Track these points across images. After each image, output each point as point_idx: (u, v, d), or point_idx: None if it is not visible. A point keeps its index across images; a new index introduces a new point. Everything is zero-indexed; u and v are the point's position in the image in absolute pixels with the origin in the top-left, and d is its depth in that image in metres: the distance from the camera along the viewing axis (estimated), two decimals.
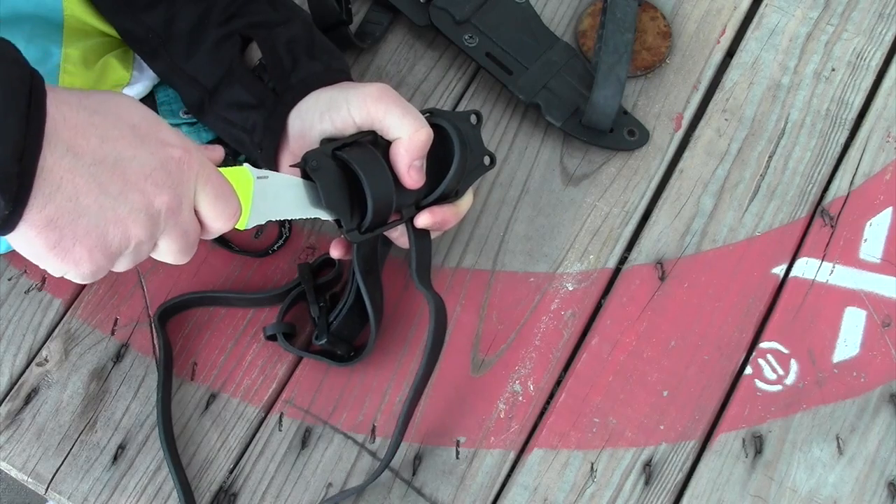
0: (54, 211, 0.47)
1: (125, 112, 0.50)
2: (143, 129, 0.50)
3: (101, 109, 0.49)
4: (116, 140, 0.49)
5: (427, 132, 0.62)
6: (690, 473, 0.68)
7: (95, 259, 0.50)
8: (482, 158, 0.67)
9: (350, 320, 0.69)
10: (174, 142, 0.52)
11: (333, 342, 0.68)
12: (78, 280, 0.51)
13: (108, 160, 0.48)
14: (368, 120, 0.61)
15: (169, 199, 0.51)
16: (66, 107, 0.47)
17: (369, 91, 0.62)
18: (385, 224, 0.63)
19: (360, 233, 0.61)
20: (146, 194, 0.50)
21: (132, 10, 0.67)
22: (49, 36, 0.66)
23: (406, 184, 0.62)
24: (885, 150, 0.76)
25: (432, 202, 0.65)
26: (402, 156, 0.61)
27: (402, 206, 0.63)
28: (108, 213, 0.49)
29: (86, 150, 0.47)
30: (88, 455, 0.69)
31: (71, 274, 0.50)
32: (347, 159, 0.60)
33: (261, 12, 0.67)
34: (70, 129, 0.47)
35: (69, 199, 0.47)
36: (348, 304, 0.68)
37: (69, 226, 0.48)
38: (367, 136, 0.62)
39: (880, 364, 0.70)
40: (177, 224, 0.52)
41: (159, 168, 0.50)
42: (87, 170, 0.47)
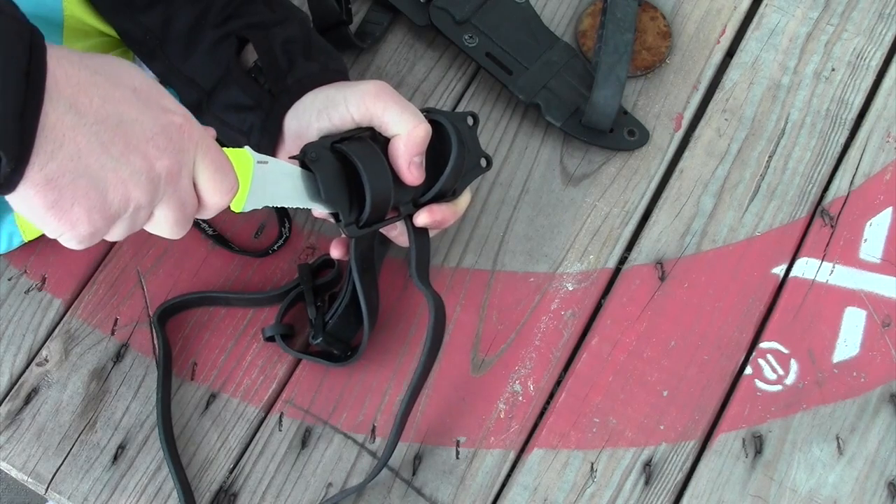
0: (56, 169, 0.46)
1: (126, 75, 0.50)
2: (145, 93, 0.50)
3: (102, 70, 0.48)
4: (119, 101, 0.48)
5: (426, 128, 0.62)
6: (690, 473, 0.68)
7: (93, 221, 0.49)
8: (479, 160, 0.67)
9: (346, 320, 0.69)
10: (175, 109, 0.51)
11: (329, 342, 0.68)
12: (73, 243, 0.50)
13: (110, 120, 0.47)
14: (367, 116, 0.61)
15: (170, 164, 0.50)
16: (67, 63, 0.46)
17: (367, 88, 0.62)
18: (383, 220, 0.63)
19: (357, 227, 0.61)
20: (147, 157, 0.49)
21: (130, 11, 0.67)
22: (49, 36, 0.66)
23: (406, 180, 0.62)
24: (885, 150, 0.76)
25: (429, 200, 0.64)
26: (402, 151, 0.61)
27: (399, 202, 0.63)
28: (109, 174, 0.48)
29: (88, 108, 0.46)
30: (88, 455, 0.69)
31: (67, 236, 0.49)
32: (347, 151, 0.59)
33: (258, 13, 0.67)
34: (72, 87, 0.46)
35: (71, 157, 0.46)
36: (344, 304, 0.68)
37: (69, 185, 0.47)
38: (366, 131, 0.62)
39: (880, 364, 0.70)
40: (175, 192, 0.51)
41: (161, 132, 0.49)
42: (90, 128, 0.46)
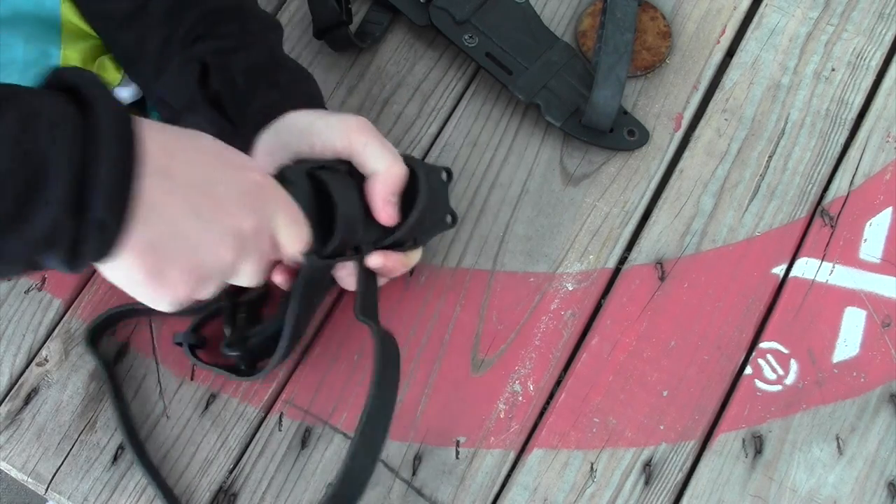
0: (154, 234, 0.47)
1: (205, 139, 0.51)
2: (224, 154, 0.51)
3: (184, 136, 0.50)
4: (205, 165, 0.50)
5: (403, 169, 0.61)
6: (690, 473, 0.68)
7: (189, 283, 0.50)
8: (445, 216, 0.67)
9: (269, 342, 0.66)
10: (252, 166, 0.53)
11: (243, 357, 0.67)
12: (167, 307, 0.51)
13: (199, 183, 0.49)
14: (348, 148, 0.61)
15: (255, 222, 0.51)
16: (154, 131, 0.47)
17: (350, 122, 0.61)
18: (343, 255, 0.62)
19: (319, 257, 0.60)
20: (236, 217, 0.50)
21: (108, 28, 0.67)
22: (48, 37, 0.66)
23: (380, 218, 0.61)
24: (885, 150, 0.76)
25: (389, 245, 0.64)
26: (379, 189, 0.61)
27: (362, 241, 0.62)
28: (201, 236, 0.49)
29: (179, 172, 0.48)
30: (88, 455, 0.69)
31: (165, 301, 0.51)
32: (325, 180, 0.59)
33: (226, 35, 0.66)
34: (163, 153, 0.47)
35: (166, 221, 0.47)
36: (271, 329, 0.65)
37: (166, 250, 0.48)
38: (343, 165, 0.61)
39: (880, 364, 0.70)
40: (259, 247, 0.53)
41: (245, 192, 0.51)
42: (182, 192, 0.48)
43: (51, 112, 0.44)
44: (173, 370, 0.71)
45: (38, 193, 0.43)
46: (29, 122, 0.43)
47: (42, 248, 0.45)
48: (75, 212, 0.44)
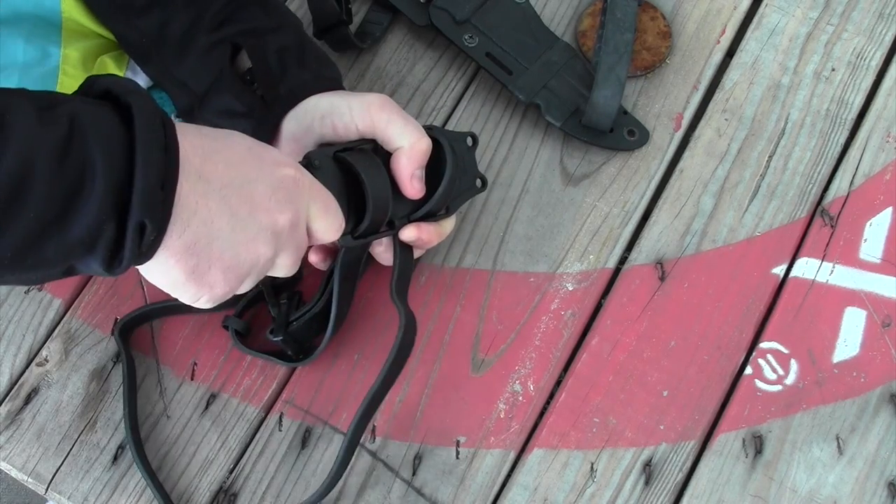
0: (192, 236, 0.49)
1: (237, 137, 0.53)
2: (257, 151, 0.53)
3: (219, 137, 0.51)
4: (239, 164, 0.51)
5: (427, 142, 0.62)
6: (690, 473, 0.68)
7: (229, 280, 0.52)
8: (474, 180, 0.67)
9: (311, 325, 0.68)
10: (286, 161, 0.54)
11: (287, 342, 0.68)
12: (209, 305, 0.53)
13: (235, 183, 0.50)
14: (371, 127, 0.62)
15: (291, 216, 0.53)
16: (190, 135, 0.49)
17: (372, 99, 0.62)
18: (377, 233, 0.63)
19: (353, 237, 0.61)
20: (271, 213, 0.52)
21: (126, 15, 0.67)
22: (48, 36, 0.66)
23: (407, 193, 0.62)
24: (885, 150, 0.76)
25: (421, 217, 0.65)
26: (405, 164, 0.61)
27: (395, 216, 0.63)
28: (238, 235, 0.51)
29: (214, 174, 0.49)
30: (88, 455, 0.69)
31: (204, 299, 0.52)
32: (350, 162, 0.60)
33: (253, 19, 0.67)
34: (199, 156, 0.49)
35: (204, 223, 0.49)
36: (316, 309, 0.68)
37: (205, 250, 0.49)
38: (368, 143, 0.62)
39: (880, 364, 0.70)
40: (294, 239, 0.54)
41: (279, 187, 0.52)
42: (218, 193, 0.49)
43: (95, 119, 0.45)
44: (173, 370, 0.71)
45: (81, 197, 0.44)
46: (75, 128, 0.44)
47: (82, 251, 0.46)
48: (116, 215, 0.45)
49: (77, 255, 0.46)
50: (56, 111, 0.45)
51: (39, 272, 0.47)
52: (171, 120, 0.48)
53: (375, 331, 0.71)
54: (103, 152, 0.45)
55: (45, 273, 0.48)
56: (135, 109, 0.46)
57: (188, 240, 0.49)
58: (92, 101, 0.47)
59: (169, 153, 0.47)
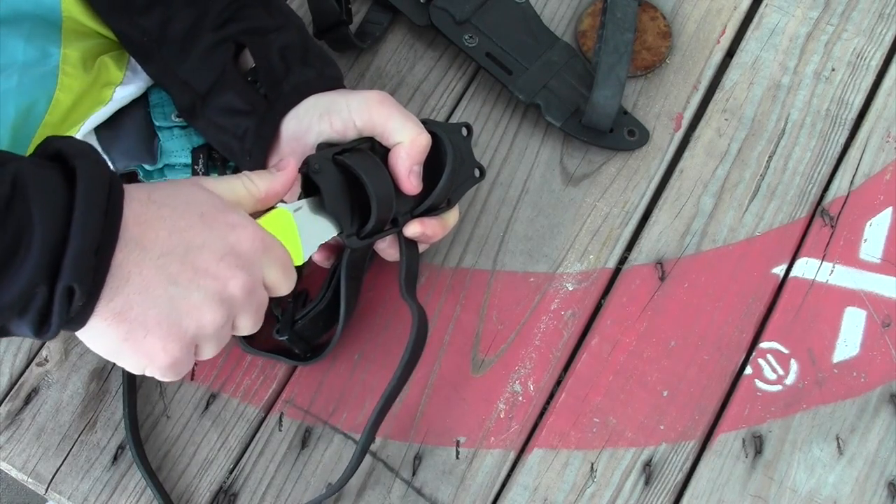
0: (123, 303, 0.48)
1: (193, 201, 0.52)
2: (211, 215, 0.52)
3: (169, 202, 0.51)
4: (185, 230, 0.50)
5: (427, 137, 0.62)
6: (690, 473, 0.68)
7: (169, 350, 0.51)
8: (472, 170, 0.67)
9: (316, 322, 0.69)
10: (241, 223, 0.53)
11: (293, 341, 0.68)
12: (160, 376, 0.52)
13: (177, 251, 0.50)
14: (370, 124, 0.62)
15: (244, 280, 0.52)
16: (136, 203, 0.49)
17: (370, 96, 0.62)
18: (382, 231, 0.63)
19: (358, 238, 0.62)
20: (219, 279, 0.51)
21: (128, 13, 0.67)
22: (48, 36, 0.66)
23: (405, 189, 0.62)
24: (885, 150, 0.76)
25: (425, 211, 0.65)
26: (403, 160, 0.61)
27: (398, 213, 0.63)
28: (179, 303, 0.50)
29: (154, 242, 0.49)
30: (88, 455, 0.69)
31: (150, 369, 0.52)
32: (350, 164, 0.60)
33: (256, 18, 0.67)
34: (139, 225, 0.48)
35: (138, 291, 0.48)
36: (321, 307, 0.68)
37: (140, 317, 0.49)
38: (365, 142, 0.62)
39: (880, 364, 0.70)
40: (253, 301, 0.54)
41: (230, 252, 0.52)
42: (155, 262, 0.49)
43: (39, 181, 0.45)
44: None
45: (16, 259, 0.44)
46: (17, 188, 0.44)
47: (13, 314, 0.46)
48: (49, 279, 0.45)
49: (8, 316, 0.46)
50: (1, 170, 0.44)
51: None
52: (119, 185, 0.48)
53: (375, 330, 0.71)
54: (42, 214, 0.44)
55: None
56: (79, 172, 0.46)
57: (119, 306, 0.48)
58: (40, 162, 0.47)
59: (109, 218, 0.47)
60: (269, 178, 0.58)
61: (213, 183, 0.55)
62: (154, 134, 0.71)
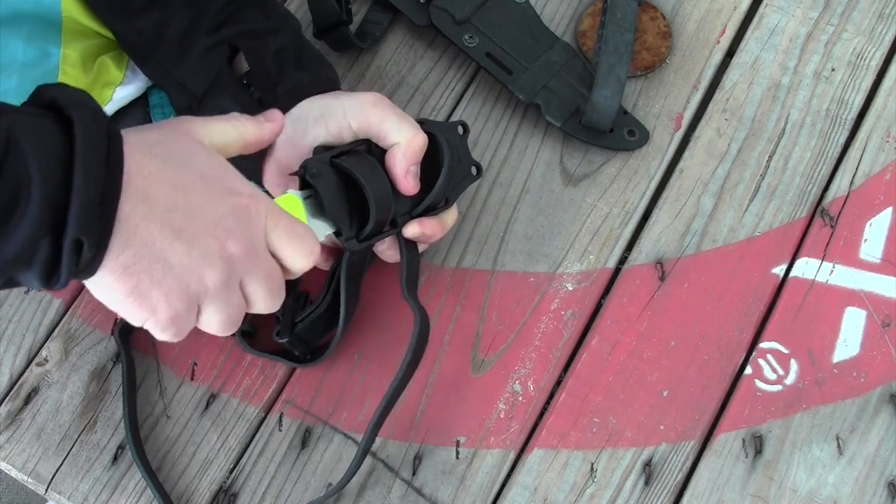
0: (131, 256, 0.48)
1: (194, 159, 0.51)
2: (211, 176, 0.52)
3: (170, 158, 0.50)
4: (187, 189, 0.50)
5: (423, 138, 0.62)
6: (690, 473, 0.68)
7: (172, 303, 0.50)
8: (469, 168, 0.67)
9: (316, 325, 0.69)
10: (241, 189, 0.53)
11: (293, 343, 0.68)
12: (160, 332, 0.52)
13: (180, 207, 0.49)
14: (365, 126, 0.61)
15: (241, 243, 0.52)
16: (139, 154, 0.48)
17: (365, 98, 0.62)
18: (381, 233, 0.63)
19: (357, 241, 0.62)
20: (218, 239, 0.51)
21: (125, 15, 0.67)
22: (47, 36, 0.66)
23: (403, 190, 0.62)
24: (885, 150, 0.76)
25: (423, 211, 0.65)
26: (400, 160, 0.61)
27: (397, 214, 0.63)
28: (182, 259, 0.50)
29: (159, 197, 0.48)
30: (88, 455, 0.69)
31: (151, 322, 0.51)
32: (347, 167, 0.60)
33: (251, 20, 0.67)
34: (144, 178, 0.48)
35: (145, 244, 0.48)
36: (321, 310, 0.68)
37: (146, 271, 0.49)
38: (362, 144, 0.62)
39: (880, 364, 0.70)
40: (256, 267, 0.53)
41: (228, 214, 0.51)
42: (161, 217, 0.48)
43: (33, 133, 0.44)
44: (173, 370, 0.71)
45: (15, 212, 0.44)
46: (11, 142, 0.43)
47: (19, 267, 0.45)
48: (52, 232, 0.45)
49: (14, 269, 0.46)
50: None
51: None
52: (118, 134, 0.47)
53: (375, 331, 0.71)
54: (40, 167, 0.44)
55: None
56: (76, 122, 0.45)
57: (127, 260, 0.48)
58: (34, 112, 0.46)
59: (111, 170, 0.46)
60: (258, 124, 0.57)
61: (203, 122, 0.54)
62: None
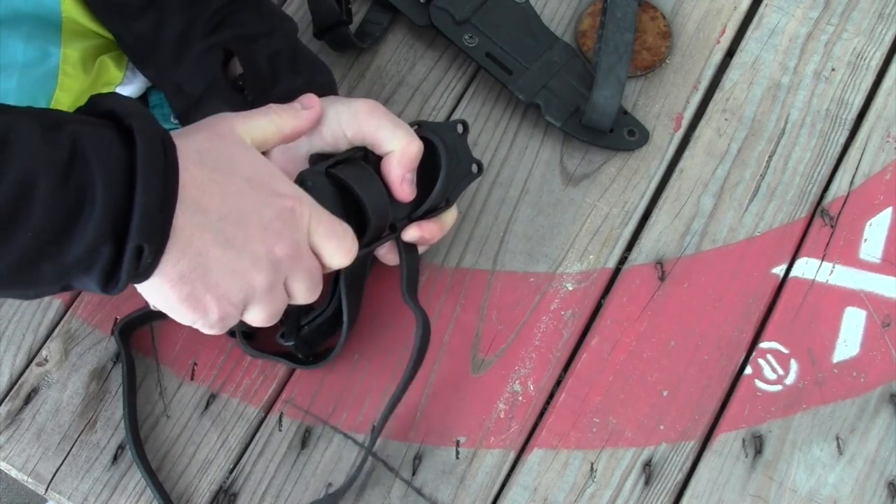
0: (187, 266, 0.50)
1: (240, 164, 0.53)
2: (258, 181, 0.53)
3: (219, 165, 0.52)
4: (236, 195, 0.51)
5: (418, 145, 0.62)
6: (690, 473, 0.68)
7: (223, 307, 0.52)
8: (470, 167, 0.67)
9: (320, 329, 0.69)
10: (286, 191, 0.54)
11: (298, 346, 0.68)
12: (207, 329, 0.54)
13: (231, 215, 0.51)
14: (360, 134, 0.61)
15: (287, 245, 0.53)
16: (190, 164, 0.50)
17: (360, 106, 0.62)
18: (380, 239, 0.63)
19: (358, 247, 0.61)
20: (266, 244, 0.52)
21: (122, 16, 0.67)
22: (48, 36, 0.66)
23: (399, 197, 0.62)
24: (885, 150, 0.76)
25: (423, 214, 0.65)
26: (395, 168, 0.61)
27: (395, 220, 0.63)
28: (233, 265, 0.51)
29: (211, 206, 0.50)
30: (88, 455, 0.69)
31: (200, 322, 0.53)
32: (342, 178, 0.60)
33: (246, 23, 0.67)
34: (197, 188, 0.49)
35: (199, 253, 0.50)
36: (326, 315, 0.68)
37: (200, 279, 0.50)
38: (358, 152, 0.62)
39: (880, 364, 0.70)
40: (300, 266, 0.55)
41: (275, 218, 0.53)
42: (214, 225, 0.50)
43: (98, 142, 0.46)
44: (173, 370, 0.71)
45: (80, 219, 0.45)
46: (78, 150, 0.45)
47: (79, 271, 0.47)
48: (114, 238, 0.46)
49: (74, 274, 0.47)
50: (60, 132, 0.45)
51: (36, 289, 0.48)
52: (172, 142, 0.49)
53: (375, 332, 0.71)
54: (104, 175, 0.45)
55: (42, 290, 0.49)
56: (136, 132, 0.47)
57: (183, 269, 0.49)
58: (95, 121, 0.48)
59: (168, 177, 0.47)
60: (295, 114, 0.59)
61: (243, 120, 0.56)
62: None
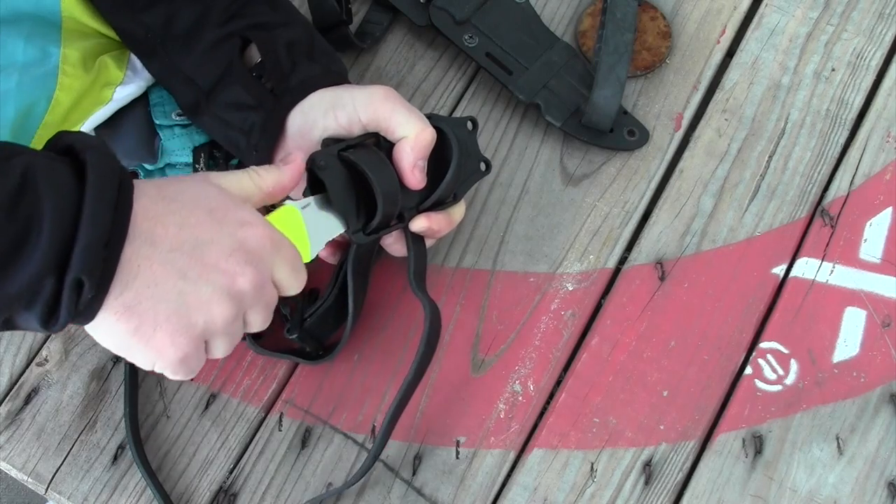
0: (132, 297, 0.49)
1: (203, 197, 0.52)
2: (221, 212, 0.52)
3: (179, 197, 0.51)
4: (194, 226, 0.51)
5: (431, 132, 0.62)
6: (690, 473, 0.68)
7: (178, 344, 0.51)
8: (478, 164, 0.67)
9: (324, 320, 0.69)
10: (251, 220, 0.53)
11: (304, 339, 0.68)
12: (171, 373, 0.52)
13: (185, 246, 0.50)
14: (374, 119, 0.62)
15: (252, 276, 0.52)
16: (145, 199, 0.49)
17: (375, 91, 0.62)
18: (388, 227, 0.63)
19: (364, 234, 0.62)
20: (228, 274, 0.51)
21: (131, 10, 0.67)
22: (47, 36, 0.66)
23: (409, 183, 0.62)
24: (885, 150, 0.76)
25: (431, 206, 0.65)
26: (408, 154, 0.62)
27: (404, 208, 0.63)
28: (188, 297, 0.50)
29: (163, 238, 0.49)
30: (88, 455, 0.69)
31: (160, 364, 0.52)
32: (355, 160, 0.60)
33: (260, 14, 0.67)
34: (149, 220, 0.49)
35: (147, 285, 0.49)
36: (328, 304, 0.68)
37: (149, 311, 0.49)
38: (370, 138, 0.62)
39: (880, 364, 0.70)
40: (262, 298, 0.54)
41: (239, 248, 0.52)
42: (164, 256, 0.49)
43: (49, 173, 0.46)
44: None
45: (25, 250, 0.45)
46: (27, 180, 0.45)
47: (21, 306, 0.46)
48: (56, 271, 0.45)
49: (16, 308, 0.46)
50: (10, 162, 0.45)
51: None
52: (130, 180, 0.48)
53: (374, 331, 0.71)
54: (52, 206, 0.45)
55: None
56: (89, 166, 0.46)
57: (128, 300, 0.48)
58: (50, 154, 0.47)
59: (119, 212, 0.47)
60: (277, 172, 0.58)
61: (221, 177, 0.55)
62: (155, 133, 0.71)
